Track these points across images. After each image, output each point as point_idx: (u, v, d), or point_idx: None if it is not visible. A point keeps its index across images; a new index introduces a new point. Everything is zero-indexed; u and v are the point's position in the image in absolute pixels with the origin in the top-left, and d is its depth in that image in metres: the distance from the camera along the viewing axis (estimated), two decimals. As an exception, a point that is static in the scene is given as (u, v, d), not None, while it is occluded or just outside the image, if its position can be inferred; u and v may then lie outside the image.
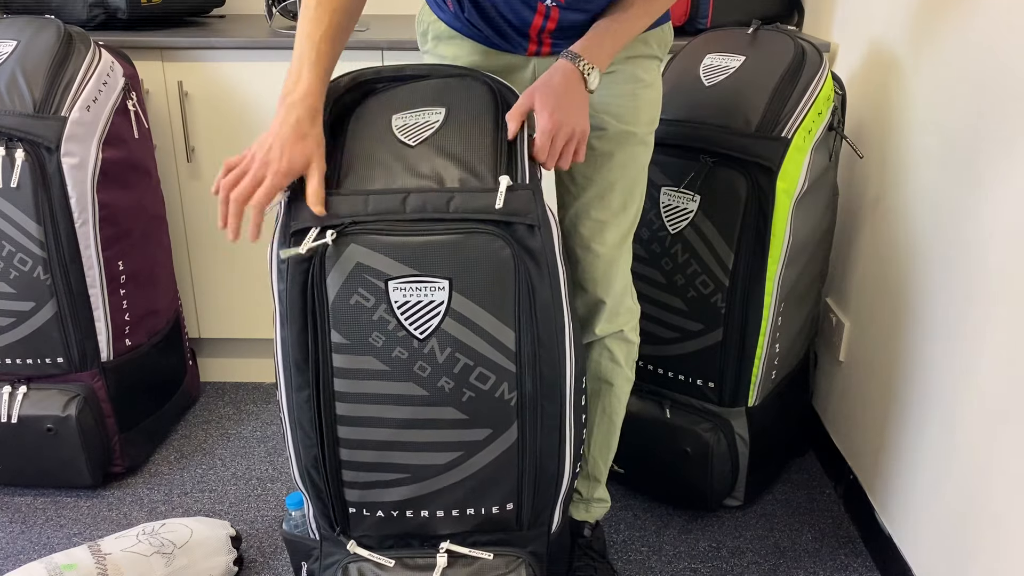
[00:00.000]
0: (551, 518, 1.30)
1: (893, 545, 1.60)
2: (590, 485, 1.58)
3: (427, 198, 1.11)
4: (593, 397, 1.50)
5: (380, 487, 1.23)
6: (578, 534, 1.57)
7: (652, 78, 1.38)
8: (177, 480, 1.91)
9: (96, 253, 1.73)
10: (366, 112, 1.23)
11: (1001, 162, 1.29)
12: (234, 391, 2.27)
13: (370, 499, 1.25)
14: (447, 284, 1.12)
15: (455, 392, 1.17)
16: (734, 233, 1.60)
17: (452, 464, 1.21)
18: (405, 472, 1.22)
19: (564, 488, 1.28)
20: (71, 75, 1.70)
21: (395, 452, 1.21)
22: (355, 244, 1.11)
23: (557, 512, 1.30)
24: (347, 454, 1.21)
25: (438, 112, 1.19)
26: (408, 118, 1.19)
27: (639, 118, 1.36)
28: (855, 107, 1.85)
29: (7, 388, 1.76)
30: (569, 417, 1.24)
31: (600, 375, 1.48)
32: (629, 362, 1.50)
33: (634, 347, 1.50)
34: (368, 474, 1.23)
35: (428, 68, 1.27)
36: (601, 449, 1.55)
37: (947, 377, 1.43)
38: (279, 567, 1.65)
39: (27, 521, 1.77)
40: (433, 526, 1.26)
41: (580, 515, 1.59)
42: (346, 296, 1.13)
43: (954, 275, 1.42)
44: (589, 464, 1.56)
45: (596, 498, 1.59)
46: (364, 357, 1.16)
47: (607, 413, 1.52)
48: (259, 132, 2.04)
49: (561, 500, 1.30)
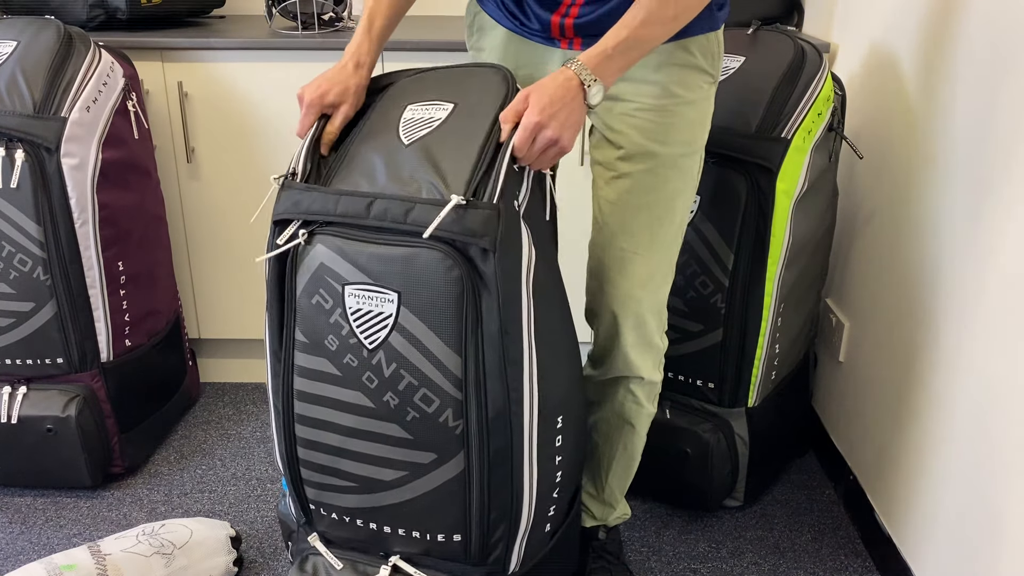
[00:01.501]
0: (506, 557, 1.23)
1: (893, 545, 1.60)
2: (604, 510, 1.56)
3: (389, 206, 1.08)
4: (615, 432, 1.47)
5: (333, 491, 1.24)
6: (592, 538, 1.55)
7: (695, 95, 1.25)
8: (177, 481, 1.91)
9: (96, 254, 1.73)
10: (387, 98, 1.23)
11: (1004, 162, 1.29)
12: (234, 392, 2.27)
13: (325, 500, 1.25)
14: (396, 297, 1.09)
15: (400, 409, 1.14)
16: (734, 234, 1.60)
17: (398, 483, 1.19)
18: (354, 481, 1.21)
19: (523, 528, 1.21)
20: (71, 76, 1.70)
21: (344, 460, 1.20)
22: (321, 244, 1.12)
23: (516, 552, 1.23)
24: (304, 453, 1.23)
25: (446, 108, 1.17)
26: (417, 111, 1.18)
27: (669, 137, 1.25)
28: (855, 108, 1.84)
29: (7, 388, 1.76)
30: (527, 455, 1.16)
31: (624, 416, 1.45)
32: (652, 400, 1.45)
33: (658, 385, 1.44)
34: (322, 476, 1.23)
35: None
36: (619, 480, 1.53)
37: (947, 377, 1.43)
38: (279, 567, 1.65)
39: (27, 521, 1.77)
40: (385, 540, 1.25)
41: (594, 523, 1.57)
42: (309, 295, 1.14)
43: (955, 275, 1.42)
44: (606, 492, 1.54)
45: (614, 517, 1.58)
46: (320, 359, 1.16)
47: (628, 451, 1.49)
48: (260, 132, 2.04)
49: (520, 540, 1.22)
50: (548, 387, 1.17)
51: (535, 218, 1.18)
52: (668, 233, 1.31)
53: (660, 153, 1.26)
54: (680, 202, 1.30)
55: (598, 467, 1.52)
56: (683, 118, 1.25)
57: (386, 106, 1.22)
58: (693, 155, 1.29)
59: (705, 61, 1.25)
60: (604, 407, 1.46)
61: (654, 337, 1.38)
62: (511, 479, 1.17)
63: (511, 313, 1.10)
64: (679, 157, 1.27)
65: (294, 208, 1.14)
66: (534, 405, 1.15)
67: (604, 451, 1.50)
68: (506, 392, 1.12)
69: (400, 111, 1.19)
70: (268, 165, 2.07)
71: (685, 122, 1.26)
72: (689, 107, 1.25)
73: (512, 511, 1.19)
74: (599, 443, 1.49)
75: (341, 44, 1.94)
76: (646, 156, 1.26)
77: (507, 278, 1.09)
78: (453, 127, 1.15)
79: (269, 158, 2.06)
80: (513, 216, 1.10)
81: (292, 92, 2.00)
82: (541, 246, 1.17)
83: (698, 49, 1.24)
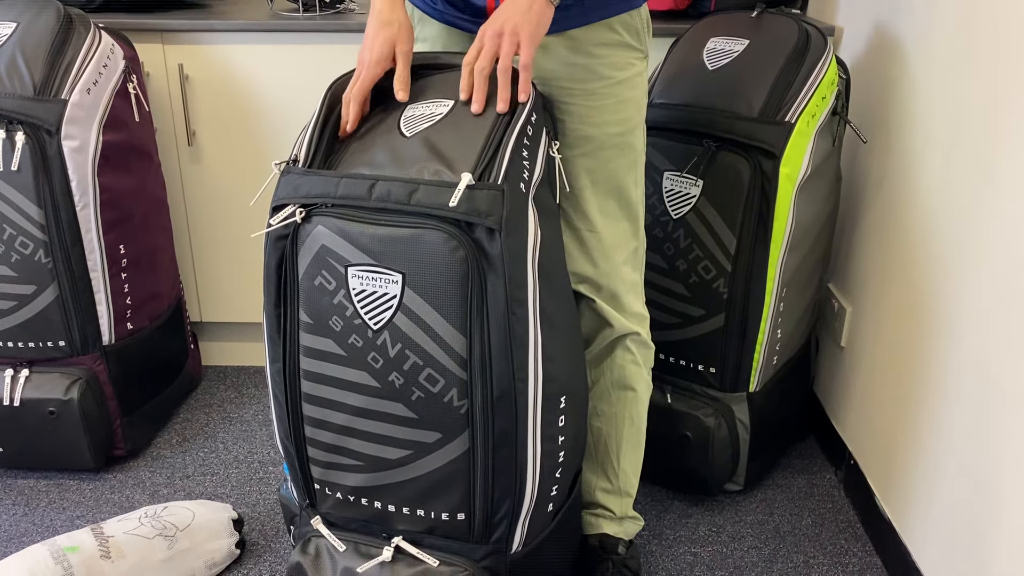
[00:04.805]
0: (509, 536, 1.24)
1: (892, 529, 1.61)
2: (622, 501, 1.52)
3: (392, 188, 1.08)
4: (619, 405, 1.46)
5: (340, 470, 1.24)
6: (612, 551, 1.50)
7: (626, 74, 1.26)
8: (179, 463, 1.91)
9: (97, 236, 1.73)
10: (386, 99, 1.22)
11: (1010, 147, 1.29)
12: (236, 375, 2.27)
13: (331, 479, 1.26)
14: (400, 278, 1.10)
15: (405, 389, 1.15)
16: (736, 218, 1.59)
17: (403, 461, 1.20)
18: (360, 460, 1.22)
19: (526, 508, 1.22)
20: (71, 57, 1.69)
21: (351, 439, 1.21)
22: (322, 226, 1.12)
23: (519, 531, 1.24)
24: (311, 431, 1.23)
25: (446, 104, 1.17)
26: (418, 108, 1.18)
27: (604, 118, 1.26)
28: (859, 91, 1.83)
29: (9, 371, 1.76)
30: (531, 435, 1.18)
31: (625, 381, 1.44)
32: (648, 365, 1.46)
33: (651, 352, 1.46)
34: (328, 455, 1.24)
35: None
36: (631, 461, 1.50)
37: (948, 363, 1.43)
38: (281, 550, 1.66)
39: (30, 504, 1.78)
40: (389, 519, 1.25)
41: (613, 530, 1.52)
42: (311, 277, 1.14)
43: (959, 261, 1.42)
44: (620, 479, 1.50)
45: (630, 516, 1.54)
46: (325, 339, 1.17)
47: (635, 423, 1.48)
48: (261, 115, 2.03)
49: (523, 520, 1.23)
50: (552, 368, 1.18)
51: (544, 200, 1.19)
52: (621, 209, 1.32)
53: (597, 135, 1.26)
54: (629, 178, 1.32)
55: (607, 452, 1.50)
56: (616, 98, 1.26)
57: (386, 106, 1.22)
58: (632, 131, 1.30)
59: (631, 38, 1.26)
60: (603, 381, 1.45)
61: (633, 307, 1.39)
62: (515, 459, 1.18)
63: (517, 293, 1.10)
64: (616, 136, 1.28)
65: (294, 192, 1.13)
66: (539, 385, 1.16)
67: (611, 433, 1.48)
68: (511, 372, 1.12)
69: (400, 110, 1.19)
70: (269, 147, 2.06)
71: (618, 102, 1.26)
72: (621, 86, 1.26)
73: (516, 490, 1.20)
74: (603, 427, 1.48)
75: (343, 26, 1.93)
76: (583, 140, 1.27)
77: (513, 258, 1.09)
78: (455, 120, 1.15)
79: (270, 140, 2.06)
80: (521, 197, 1.11)
81: (293, 74, 1.99)
82: (548, 228, 1.18)
83: (622, 27, 1.24)
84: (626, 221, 1.35)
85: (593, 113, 1.25)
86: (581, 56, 1.24)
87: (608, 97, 1.25)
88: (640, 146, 1.33)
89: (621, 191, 1.32)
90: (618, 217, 1.34)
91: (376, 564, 1.24)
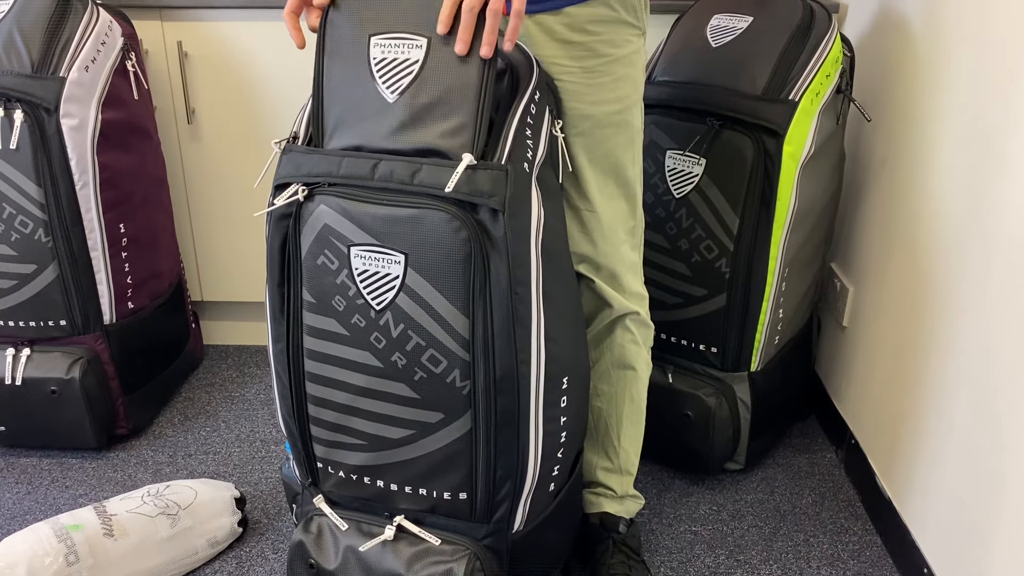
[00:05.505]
0: (511, 515, 1.24)
1: (893, 509, 1.61)
2: (623, 480, 1.53)
3: (395, 167, 1.07)
4: (619, 384, 1.46)
5: (342, 448, 1.25)
6: (613, 530, 1.51)
7: (623, 51, 1.23)
8: (181, 442, 1.92)
9: (97, 216, 1.73)
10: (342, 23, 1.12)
11: (1015, 127, 1.27)
12: (237, 354, 2.27)
13: (334, 458, 1.26)
14: (403, 259, 1.09)
15: (407, 369, 1.15)
16: (739, 197, 1.59)
17: (405, 441, 1.20)
18: (363, 439, 1.22)
19: (528, 487, 1.22)
20: (69, 34, 1.67)
21: (354, 418, 1.21)
22: (324, 205, 1.11)
23: (521, 510, 1.24)
24: (314, 410, 1.24)
25: (419, 45, 1.09)
26: (387, 50, 1.11)
27: (602, 96, 1.24)
28: (864, 69, 1.82)
29: (11, 350, 1.76)
30: (533, 415, 1.17)
31: (625, 361, 1.44)
32: (648, 345, 1.46)
33: (651, 332, 1.46)
34: (331, 433, 1.24)
35: None
36: (632, 440, 1.51)
37: (949, 342, 1.43)
38: (283, 528, 1.66)
39: (33, 482, 1.78)
40: (391, 498, 1.25)
41: (614, 509, 1.53)
42: (314, 256, 1.14)
43: (962, 240, 1.41)
44: (621, 458, 1.51)
45: (630, 495, 1.55)
46: (328, 319, 1.17)
47: (635, 402, 1.48)
48: (260, 93, 2.02)
49: (525, 499, 1.24)
50: (555, 348, 1.18)
51: (546, 180, 1.18)
52: (619, 188, 1.31)
53: (594, 114, 1.25)
54: (627, 156, 1.30)
55: (608, 432, 1.50)
56: (613, 76, 1.24)
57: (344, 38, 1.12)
58: (630, 109, 1.28)
59: (628, 15, 1.24)
60: (603, 361, 1.45)
61: (632, 286, 1.39)
62: (517, 439, 1.18)
63: (520, 274, 1.10)
64: (613, 114, 1.26)
65: (296, 171, 1.13)
66: (541, 366, 1.16)
67: (611, 412, 1.49)
68: (514, 353, 1.12)
69: (366, 44, 1.11)
70: (269, 126, 2.05)
71: (615, 79, 1.24)
72: (618, 64, 1.24)
73: (518, 470, 1.20)
74: (603, 407, 1.49)
75: (342, 3, 1.91)
76: (581, 119, 1.25)
77: (516, 239, 1.08)
78: (436, 73, 1.09)
79: (270, 118, 2.04)
80: (524, 176, 1.10)
81: (293, 52, 1.97)
82: (551, 208, 1.17)
83: (619, 4, 1.22)
84: (624, 200, 1.34)
85: (590, 91, 1.24)
86: (578, 34, 1.22)
87: (605, 75, 1.24)
88: (638, 124, 1.32)
89: (619, 169, 1.31)
90: (616, 196, 1.33)
91: (378, 543, 1.25)
